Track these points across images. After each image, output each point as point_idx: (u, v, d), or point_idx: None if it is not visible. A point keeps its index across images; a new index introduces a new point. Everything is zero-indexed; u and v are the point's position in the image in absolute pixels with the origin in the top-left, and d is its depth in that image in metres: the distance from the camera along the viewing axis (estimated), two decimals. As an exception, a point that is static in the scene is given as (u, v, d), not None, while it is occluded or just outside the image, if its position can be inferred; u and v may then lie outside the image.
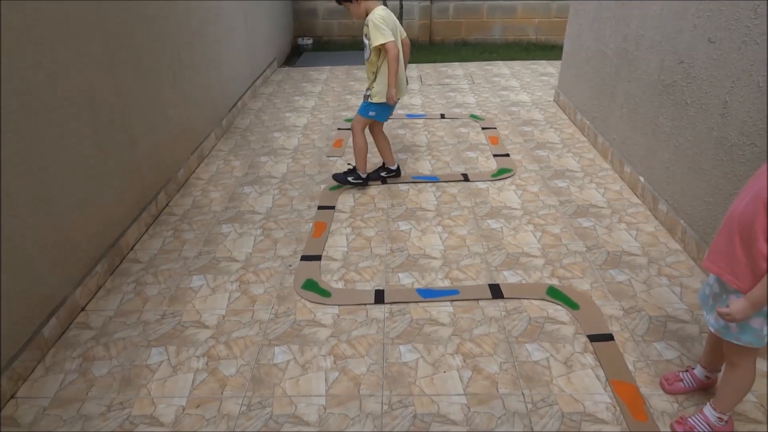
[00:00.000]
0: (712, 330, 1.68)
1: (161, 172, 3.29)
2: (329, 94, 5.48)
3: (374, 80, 3.24)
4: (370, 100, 3.29)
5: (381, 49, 3.12)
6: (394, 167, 3.60)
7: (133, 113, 2.92)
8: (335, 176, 3.54)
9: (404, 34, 3.31)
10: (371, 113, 3.34)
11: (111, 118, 2.70)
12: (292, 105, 5.18)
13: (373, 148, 3.58)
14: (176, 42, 3.52)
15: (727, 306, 1.56)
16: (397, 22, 3.25)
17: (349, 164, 3.61)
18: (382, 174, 3.60)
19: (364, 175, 3.50)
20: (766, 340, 1.58)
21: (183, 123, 3.63)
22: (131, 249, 2.88)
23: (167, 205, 3.33)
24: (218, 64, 4.36)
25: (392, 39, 3.09)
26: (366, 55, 3.24)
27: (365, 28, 3.18)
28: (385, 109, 3.34)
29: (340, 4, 3.22)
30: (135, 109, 2.95)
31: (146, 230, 3.05)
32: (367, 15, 3.16)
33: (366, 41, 3.20)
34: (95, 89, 2.55)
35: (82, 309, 2.44)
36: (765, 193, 1.42)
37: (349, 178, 3.49)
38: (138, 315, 2.40)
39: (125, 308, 2.45)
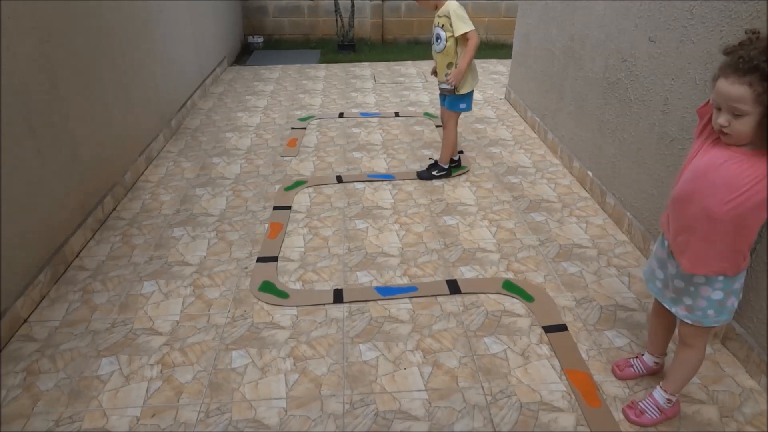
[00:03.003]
0: (689, 322, 1.67)
1: (107, 175, 3.16)
2: (282, 93, 5.41)
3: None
4: (458, 92, 3.32)
5: (459, 39, 3.18)
6: (456, 158, 3.67)
7: (73, 114, 2.79)
8: (420, 174, 3.60)
9: None
10: (462, 105, 3.39)
11: (49, 120, 2.57)
12: (244, 104, 5.08)
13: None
14: (119, 41, 3.39)
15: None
16: None
17: (431, 158, 3.72)
18: (452, 165, 3.65)
19: (446, 166, 3.57)
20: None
21: (129, 124, 3.50)
22: (77, 256, 2.75)
23: (114, 209, 3.20)
24: (165, 63, 4.22)
25: (474, 28, 3.16)
26: (440, 47, 3.27)
27: (438, 19, 3.25)
28: (470, 96, 3.40)
29: None
30: (75, 109, 2.82)
31: (92, 236, 2.92)
32: (436, 7, 3.27)
33: (440, 32, 3.25)
34: (30, 90, 2.42)
35: (25, 321, 2.31)
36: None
37: (434, 172, 3.57)
38: (86, 324, 2.30)
39: (72, 318, 2.34)
